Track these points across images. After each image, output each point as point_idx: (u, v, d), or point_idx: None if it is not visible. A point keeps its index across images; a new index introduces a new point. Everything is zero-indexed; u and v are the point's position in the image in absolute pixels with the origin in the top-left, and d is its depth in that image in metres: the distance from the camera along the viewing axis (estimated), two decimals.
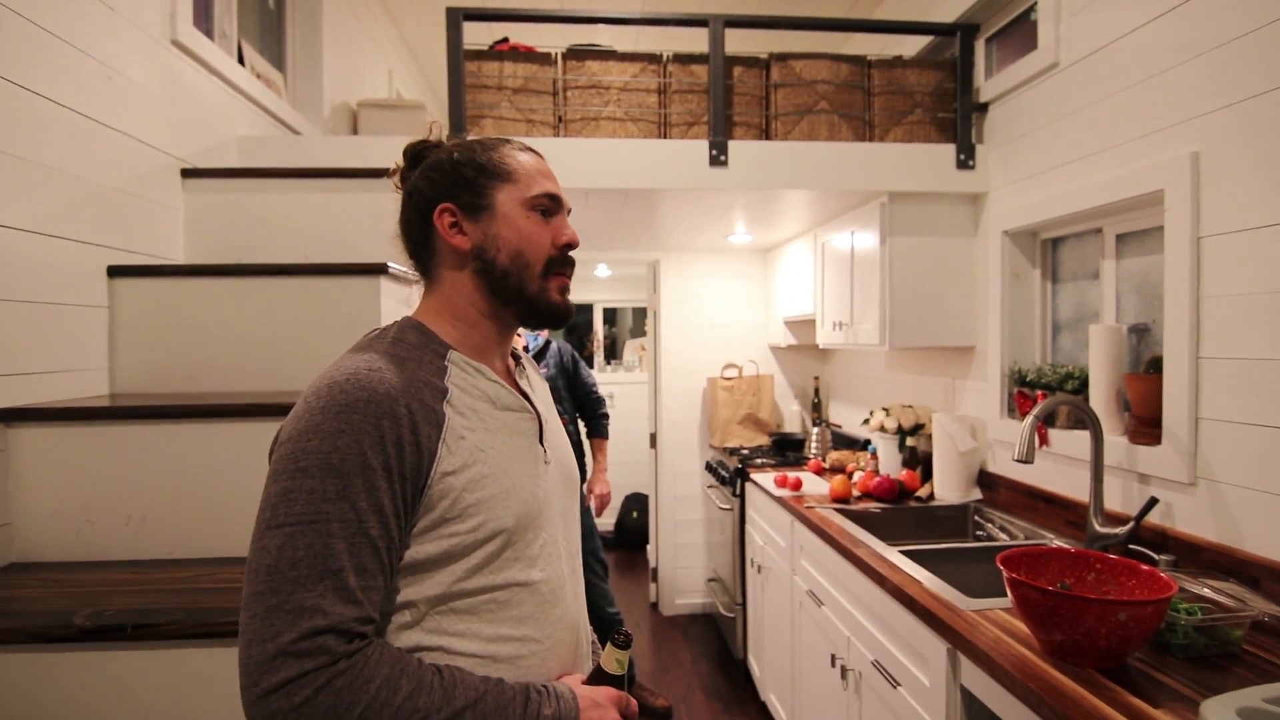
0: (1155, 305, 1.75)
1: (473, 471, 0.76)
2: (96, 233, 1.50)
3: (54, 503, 1.28)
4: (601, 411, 2.90)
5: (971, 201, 2.35)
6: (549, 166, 0.90)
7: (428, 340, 0.82)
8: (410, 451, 0.72)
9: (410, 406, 0.73)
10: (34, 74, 1.32)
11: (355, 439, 0.69)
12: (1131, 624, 1.09)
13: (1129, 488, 1.70)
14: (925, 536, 2.24)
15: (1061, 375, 1.92)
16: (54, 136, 1.38)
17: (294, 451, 0.69)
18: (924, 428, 2.53)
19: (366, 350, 0.77)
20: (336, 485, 0.68)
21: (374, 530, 0.69)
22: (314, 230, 1.86)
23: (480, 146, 0.88)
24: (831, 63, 2.29)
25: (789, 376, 3.84)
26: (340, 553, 0.67)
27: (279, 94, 2.48)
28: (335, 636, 0.65)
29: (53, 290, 1.39)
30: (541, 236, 0.85)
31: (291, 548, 0.66)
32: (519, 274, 0.84)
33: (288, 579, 0.66)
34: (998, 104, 2.22)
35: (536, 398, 0.93)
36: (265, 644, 0.64)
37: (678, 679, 3.11)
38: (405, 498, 0.72)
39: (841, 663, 1.86)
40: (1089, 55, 1.82)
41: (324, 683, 0.64)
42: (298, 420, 0.71)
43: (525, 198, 0.85)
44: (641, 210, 2.66)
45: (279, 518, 0.68)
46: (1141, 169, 1.64)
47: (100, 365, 1.53)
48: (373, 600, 0.69)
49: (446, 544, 0.74)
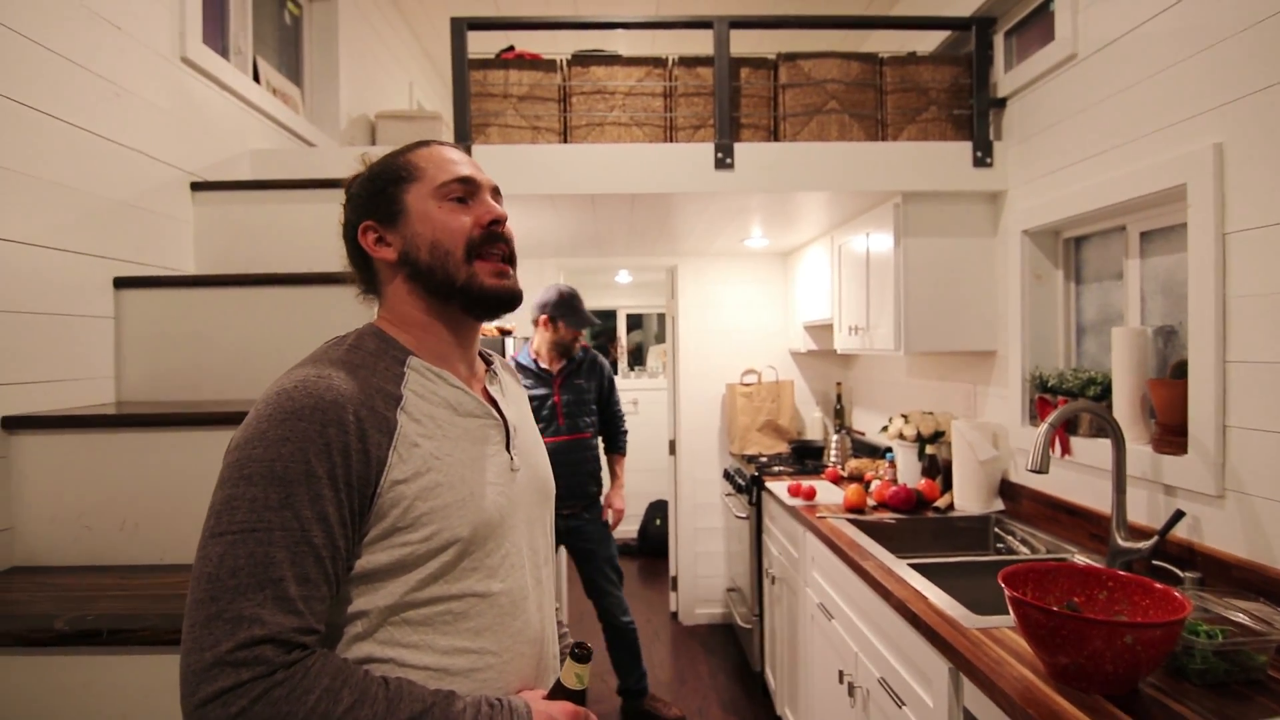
0: (1182, 306, 1.65)
1: (426, 480, 0.75)
2: (103, 245, 1.54)
3: (53, 508, 1.31)
4: (623, 429, 2.93)
5: (990, 200, 2.26)
6: (463, 154, 0.88)
7: (386, 346, 0.81)
8: (358, 459, 0.71)
9: (359, 414, 0.72)
10: (40, 93, 1.36)
11: (300, 446, 0.69)
12: (1140, 647, 1.02)
13: (1154, 500, 1.60)
14: (943, 549, 2.15)
15: (1083, 380, 1.83)
16: (61, 153, 1.42)
17: (239, 459, 0.69)
18: (944, 435, 2.44)
19: (320, 358, 0.77)
20: (279, 493, 0.67)
21: (318, 539, 0.68)
22: (322, 240, 1.88)
23: (390, 156, 0.87)
24: (842, 61, 2.23)
25: (810, 382, 3.76)
26: (281, 562, 0.66)
27: (295, 108, 2.53)
28: (273, 647, 0.64)
29: (60, 302, 1.43)
30: (457, 222, 0.83)
31: (232, 556, 0.66)
32: (442, 265, 0.83)
33: (227, 588, 0.65)
34: (1016, 99, 2.14)
35: (507, 404, 0.91)
36: (203, 653, 0.63)
37: (694, 690, 3.06)
38: (352, 506, 0.71)
39: (849, 679, 1.80)
40: (1108, 44, 1.74)
41: (260, 693, 0.63)
42: (246, 428, 0.71)
43: (433, 188, 0.84)
44: (652, 215, 2.64)
45: (221, 525, 0.67)
46: (1163, 162, 1.55)
47: (106, 374, 1.57)
48: (315, 610, 0.68)
49: (398, 553, 0.73)
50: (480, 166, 0.89)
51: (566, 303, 2.65)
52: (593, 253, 3.67)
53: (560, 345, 2.68)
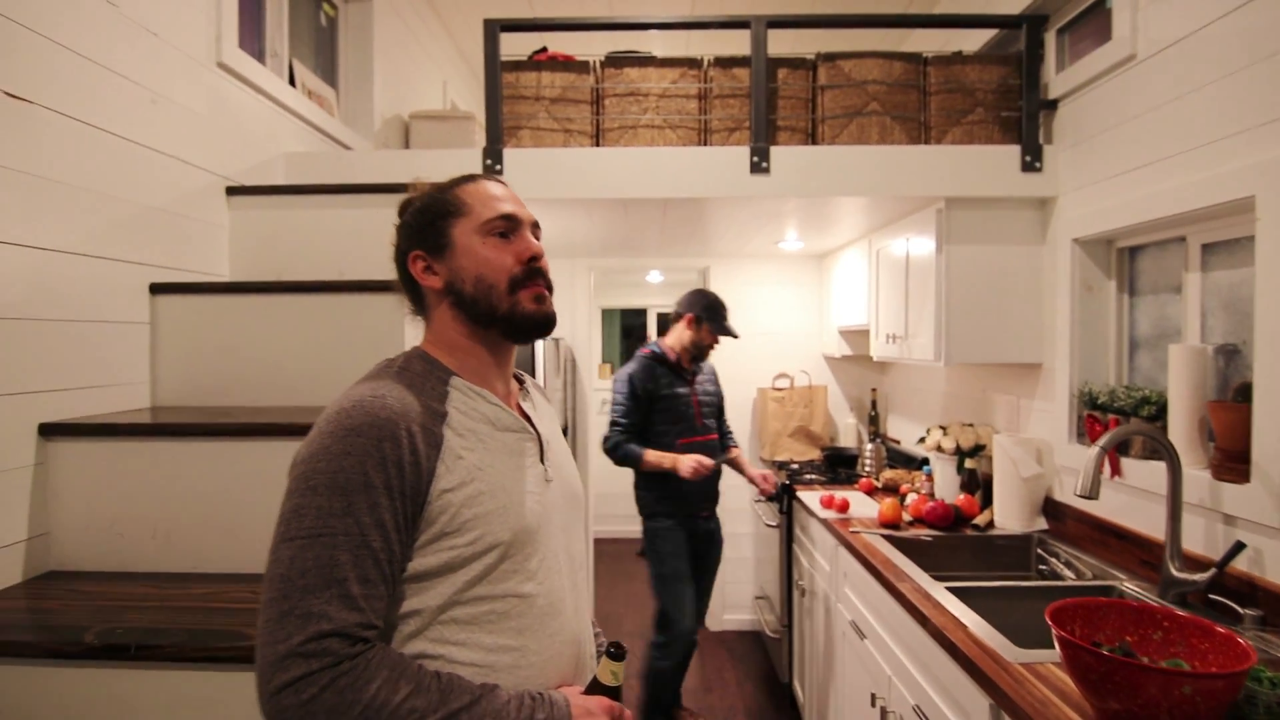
0: (1246, 324, 1.56)
1: (470, 489, 0.81)
2: (140, 252, 1.56)
3: (87, 515, 1.33)
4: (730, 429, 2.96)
5: (1039, 207, 2.17)
6: (507, 190, 0.95)
7: (431, 368, 0.89)
8: (410, 471, 0.78)
9: (410, 429, 0.79)
10: (79, 102, 1.38)
11: (359, 460, 0.76)
12: (1199, 698, 0.95)
13: (1212, 529, 1.52)
14: (981, 568, 2.08)
15: (1137, 399, 1.74)
16: (99, 161, 1.43)
17: (305, 472, 0.76)
18: (985, 449, 2.36)
19: (374, 379, 0.85)
20: (342, 502, 0.75)
21: (376, 543, 0.75)
22: (353, 246, 1.89)
23: (439, 190, 0.94)
24: (883, 62, 2.16)
25: (844, 388, 3.68)
26: (344, 563, 0.73)
27: (331, 110, 2.54)
28: (339, 640, 0.71)
29: (97, 308, 1.45)
30: (501, 258, 0.90)
31: (301, 559, 0.73)
32: (486, 297, 0.89)
33: (297, 587, 0.72)
34: (1068, 101, 2.04)
35: (540, 420, 0.98)
36: (277, 646, 0.70)
37: (721, 699, 3.02)
38: (406, 513, 0.78)
39: (882, 703, 1.75)
40: (1170, 46, 1.64)
41: (328, 682, 0.70)
42: (310, 444, 0.78)
43: (478, 225, 0.90)
44: (685, 218, 2.59)
45: (291, 531, 0.74)
46: (1229, 172, 1.46)
47: (142, 379, 1.59)
48: (375, 608, 0.75)
49: (446, 556, 0.80)
50: (522, 202, 0.95)
51: (715, 308, 2.65)
52: (624, 253, 3.64)
53: (697, 347, 2.67)
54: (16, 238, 1.25)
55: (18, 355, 1.26)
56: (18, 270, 1.25)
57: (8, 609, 1.15)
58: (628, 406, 2.60)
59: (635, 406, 2.60)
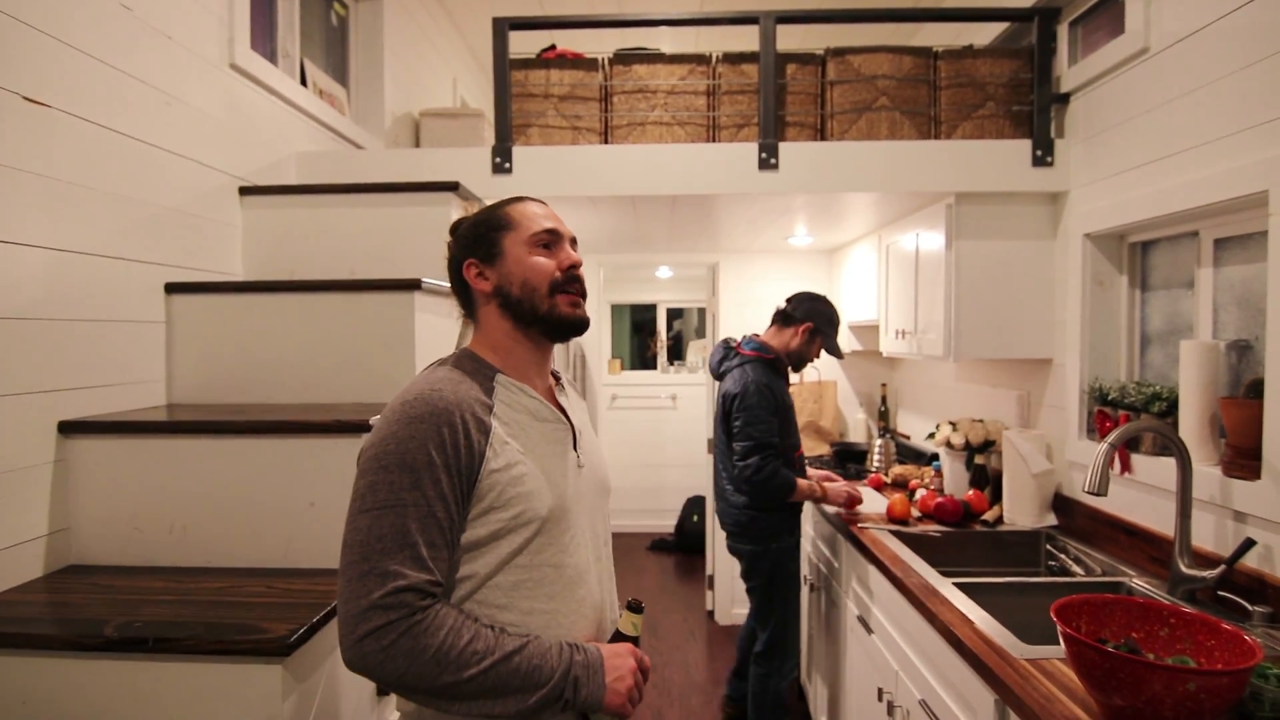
0: (1259, 320, 1.54)
1: (514, 470, 0.94)
2: (155, 252, 1.58)
3: (106, 510, 1.35)
4: None
5: (1050, 201, 2.15)
6: (548, 209, 1.09)
7: (479, 366, 1.01)
8: (465, 452, 0.90)
9: (464, 417, 0.91)
10: (95, 105, 1.40)
11: (423, 442, 0.88)
12: (1204, 695, 0.95)
13: (1222, 525, 1.51)
14: (990, 564, 2.08)
15: (1148, 395, 1.73)
16: (114, 163, 1.45)
17: (377, 454, 0.89)
18: (994, 444, 2.35)
19: (431, 375, 0.97)
20: (410, 478, 0.87)
21: (440, 513, 0.88)
22: (364, 244, 1.91)
23: (492, 208, 1.09)
24: (893, 56, 2.15)
25: (854, 383, 3.67)
26: (414, 530, 0.86)
27: (342, 109, 2.56)
28: (413, 594, 0.84)
29: (114, 308, 1.47)
30: (545, 266, 1.03)
31: (378, 526, 0.86)
32: (529, 298, 1.02)
33: (375, 550, 0.85)
34: (1080, 95, 2.03)
35: (573, 412, 1.10)
36: (359, 600, 0.83)
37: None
38: (462, 489, 0.90)
39: (889, 698, 1.76)
40: (1184, 39, 1.62)
41: (405, 629, 0.83)
42: (379, 430, 0.91)
43: (526, 238, 1.04)
44: (694, 215, 2.60)
45: (366, 504, 0.87)
46: (1242, 166, 1.44)
47: (158, 377, 1.62)
48: (440, 568, 0.88)
49: (493, 527, 0.92)
50: (561, 220, 1.09)
51: (833, 325, 2.43)
52: (633, 249, 3.65)
53: (799, 359, 2.44)
54: (36, 239, 1.27)
55: (38, 354, 1.28)
56: (37, 271, 1.28)
57: (30, 602, 1.18)
58: (772, 424, 2.25)
59: (776, 422, 2.27)
